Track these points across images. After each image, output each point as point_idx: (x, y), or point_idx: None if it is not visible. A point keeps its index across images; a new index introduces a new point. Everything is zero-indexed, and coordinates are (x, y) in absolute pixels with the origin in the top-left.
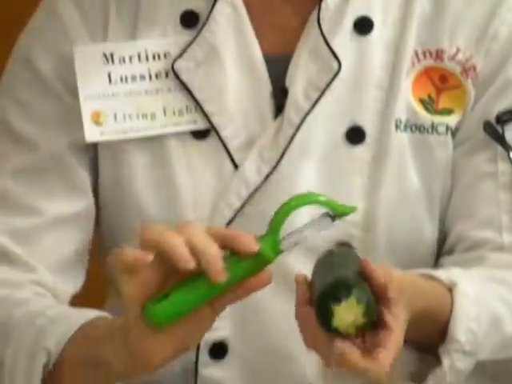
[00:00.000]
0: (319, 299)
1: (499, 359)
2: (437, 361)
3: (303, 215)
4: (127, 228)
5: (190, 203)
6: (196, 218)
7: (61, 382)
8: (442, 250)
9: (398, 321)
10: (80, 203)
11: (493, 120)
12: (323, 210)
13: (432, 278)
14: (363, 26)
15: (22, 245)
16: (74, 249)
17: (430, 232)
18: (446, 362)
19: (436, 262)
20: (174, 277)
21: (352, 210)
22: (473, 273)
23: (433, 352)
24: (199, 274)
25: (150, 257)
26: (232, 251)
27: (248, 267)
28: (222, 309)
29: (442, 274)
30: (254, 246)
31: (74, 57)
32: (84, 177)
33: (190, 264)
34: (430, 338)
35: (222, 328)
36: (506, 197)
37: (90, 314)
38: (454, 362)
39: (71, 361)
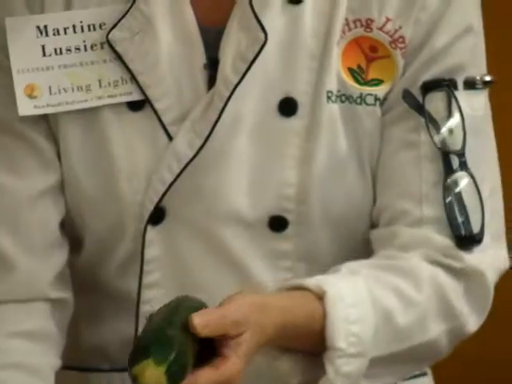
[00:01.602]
0: (128, 359)
1: (400, 350)
2: None
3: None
4: (69, 207)
5: (125, 175)
6: (131, 191)
7: None
8: None
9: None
10: (51, 176)
11: (417, 90)
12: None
13: (302, 287)
14: None
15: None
16: (58, 223)
17: (364, 204)
18: (330, 369)
19: None
20: None
21: None
22: (362, 266)
23: None
24: None
25: None
26: None
27: None
28: None
29: (311, 282)
30: None
31: (6, 30)
32: (50, 150)
33: None
34: (314, 347)
35: (159, 299)
36: (428, 167)
37: None
38: (340, 367)
39: None
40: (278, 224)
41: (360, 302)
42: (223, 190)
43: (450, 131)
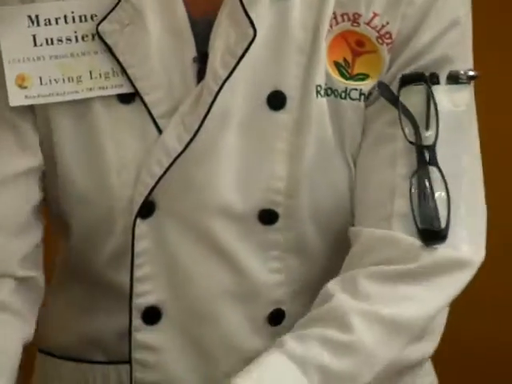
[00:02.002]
0: None
1: None
2: None
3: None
4: (58, 195)
5: (114, 168)
6: (120, 184)
7: None
8: None
9: None
10: (30, 159)
11: (396, 84)
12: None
13: None
14: None
15: None
16: (32, 206)
17: (350, 198)
18: None
19: None
20: None
21: None
22: (291, 331)
23: None
24: None
25: None
26: None
27: None
28: None
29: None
30: None
31: None
32: (32, 135)
33: None
34: None
35: (152, 292)
36: (403, 161)
37: None
38: None
39: None
40: (268, 217)
41: (284, 377)
42: (213, 183)
43: (427, 125)
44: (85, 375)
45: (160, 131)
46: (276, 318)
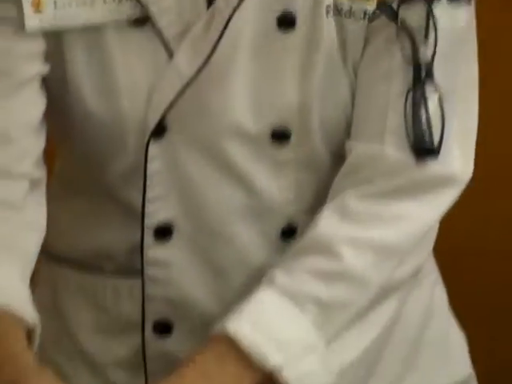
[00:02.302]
0: None
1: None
2: None
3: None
4: (72, 123)
5: (126, 92)
6: (132, 107)
7: None
8: None
9: None
10: (42, 66)
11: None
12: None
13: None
14: None
15: None
16: (42, 109)
17: None
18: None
19: None
20: None
21: None
22: (279, 264)
23: None
24: None
25: None
26: None
27: None
28: None
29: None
30: None
31: None
32: (42, 43)
33: None
34: None
35: (163, 211)
36: (398, 77)
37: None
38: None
39: None
40: (280, 136)
41: (279, 313)
42: (226, 106)
43: (426, 42)
44: (94, 286)
45: (171, 55)
46: (288, 233)
